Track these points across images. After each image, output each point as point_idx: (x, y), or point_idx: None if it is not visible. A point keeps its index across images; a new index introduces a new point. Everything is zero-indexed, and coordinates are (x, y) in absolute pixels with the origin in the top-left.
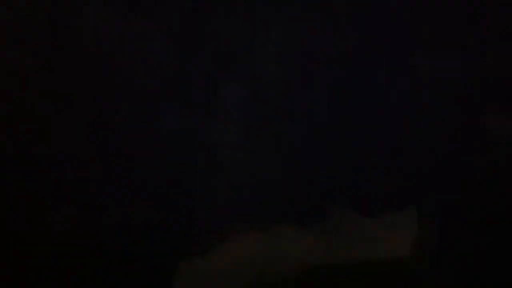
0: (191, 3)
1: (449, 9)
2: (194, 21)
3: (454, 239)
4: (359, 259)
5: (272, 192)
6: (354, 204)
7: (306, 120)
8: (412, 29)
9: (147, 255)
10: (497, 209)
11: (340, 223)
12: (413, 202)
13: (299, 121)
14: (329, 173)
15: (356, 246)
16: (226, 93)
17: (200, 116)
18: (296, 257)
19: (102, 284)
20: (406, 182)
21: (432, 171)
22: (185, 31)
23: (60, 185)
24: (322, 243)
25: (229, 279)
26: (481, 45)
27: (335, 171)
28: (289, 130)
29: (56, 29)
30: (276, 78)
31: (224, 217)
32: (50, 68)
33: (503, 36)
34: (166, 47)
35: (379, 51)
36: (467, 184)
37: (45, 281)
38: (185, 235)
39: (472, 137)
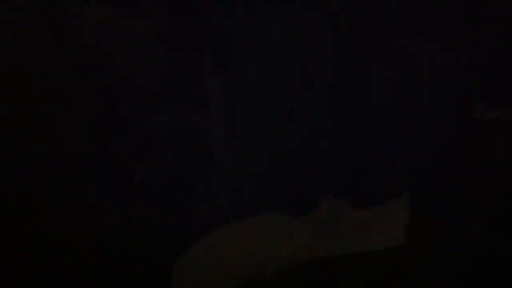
0: (191, 3)
1: (450, 9)
2: (194, 21)
3: (452, 232)
4: (355, 251)
5: (267, 185)
6: (349, 196)
7: (305, 119)
8: (412, 29)
9: (147, 255)
10: (495, 204)
11: (334, 215)
12: (408, 193)
13: (298, 121)
14: (325, 167)
15: (351, 238)
16: (225, 93)
17: (200, 116)
18: (291, 251)
19: (102, 284)
20: (403, 174)
21: (429, 164)
22: (185, 31)
23: (60, 185)
24: (317, 236)
25: (226, 274)
26: (480, 43)
27: (331, 166)
28: (288, 128)
29: (56, 29)
30: (275, 78)
31: (223, 215)
32: (50, 68)
33: (503, 33)
34: (166, 47)
35: (379, 50)
36: (465, 177)
37: (45, 281)
38: (185, 235)
39: (471, 133)
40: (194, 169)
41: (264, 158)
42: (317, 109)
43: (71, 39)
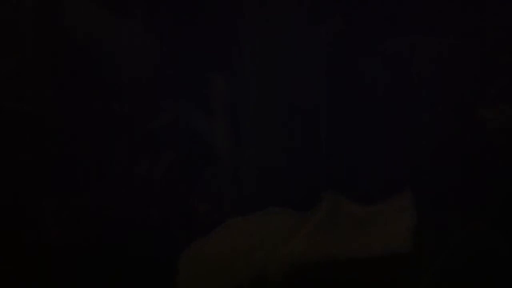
0: (191, 3)
1: (450, 8)
2: (193, 21)
3: (452, 232)
4: (356, 251)
5: (268, 184)
6: (349, 195)
7: (305, 118)
8: (412, 28)
9: (148, 255)
10: (496, 204)
11: (335, 213)
12: (409, 191)
13: (298, 120)
14: (325, 167)
15: (351, 236)
16: (226, 92)
17: (200, 115)
18: (291, 249)
19: (102, 284)
20: (403, 174)
21: (429, 164)
22: (185, 30)
23: (60, 185)
24: (317, 234)
25: (226, 271)
26: (480, 42)
27: (331, 166)
28: (288, 128)
29: (56, 29)
30: (276, 77)
31: (223, 214)
32: (49, 68)
33: (503, 33)
34: (166, 47)
35: (378, 50)
36: (465, 178)
37: (45, 281)
38: (185, 235)
39: (471, 133)
40: (194, 169)
41: (265, 157)
42: (317, 108)
43: (70, 39)
